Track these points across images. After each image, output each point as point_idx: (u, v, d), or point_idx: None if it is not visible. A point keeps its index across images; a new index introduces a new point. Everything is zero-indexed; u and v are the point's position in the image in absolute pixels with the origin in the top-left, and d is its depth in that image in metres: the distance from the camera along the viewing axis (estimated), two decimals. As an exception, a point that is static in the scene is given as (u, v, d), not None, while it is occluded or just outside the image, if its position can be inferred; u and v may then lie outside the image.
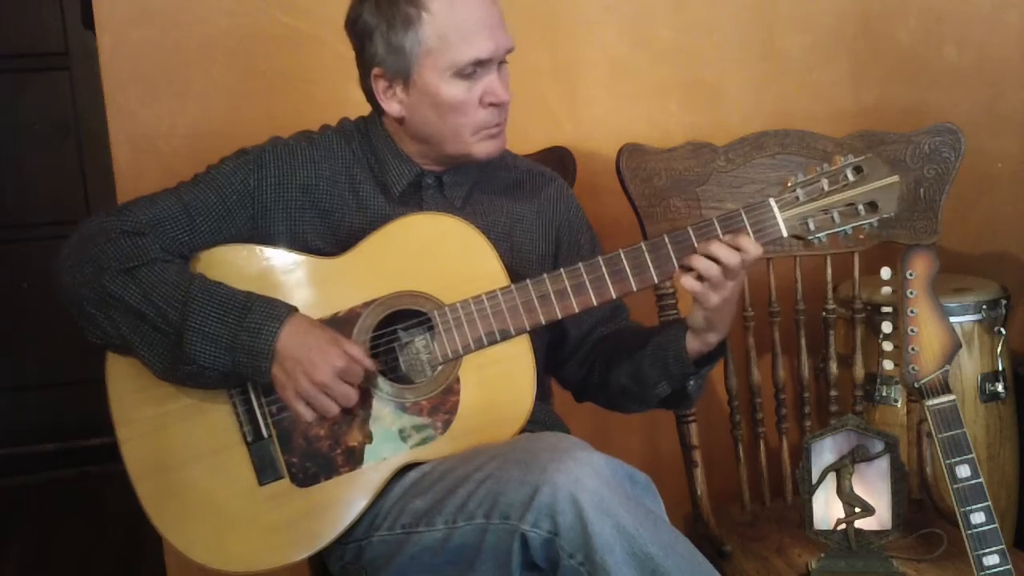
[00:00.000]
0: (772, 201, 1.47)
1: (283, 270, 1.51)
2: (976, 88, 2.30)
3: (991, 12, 2.29)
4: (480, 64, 1.49)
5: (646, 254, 1.48)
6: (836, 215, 1.47)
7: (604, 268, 1.49)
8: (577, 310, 1.49)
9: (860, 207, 1.47)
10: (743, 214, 1.47)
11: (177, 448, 1.49)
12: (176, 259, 1.49)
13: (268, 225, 1.54)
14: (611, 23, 2.17)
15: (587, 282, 1.49)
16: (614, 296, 1.49)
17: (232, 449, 1.48)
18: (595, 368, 1.68)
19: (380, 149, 1.59)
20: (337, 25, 1.57)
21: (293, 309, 1.44)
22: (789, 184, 1.48)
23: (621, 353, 1.63)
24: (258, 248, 1.52)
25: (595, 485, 1.30)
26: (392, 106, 1.54)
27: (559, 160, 1.87)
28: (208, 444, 1.48)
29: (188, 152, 2.01)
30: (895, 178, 1.47)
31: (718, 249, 1.44)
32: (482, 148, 1.55)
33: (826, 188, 1.47)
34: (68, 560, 2.83)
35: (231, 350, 1.41)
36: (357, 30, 1.53)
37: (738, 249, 1.44)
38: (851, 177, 1.46)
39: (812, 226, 1.47)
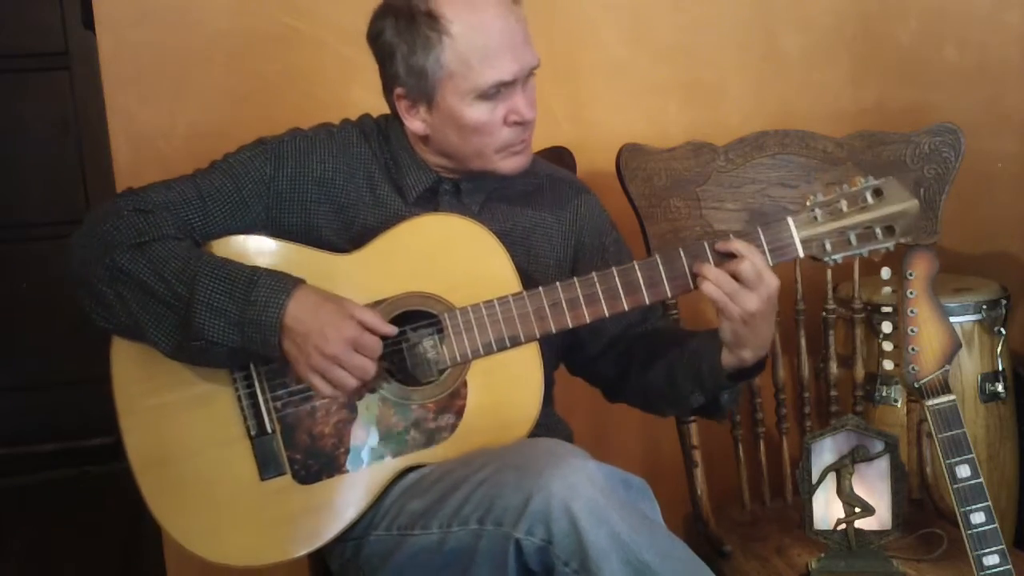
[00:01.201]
0: (790, 220, 1.44)
1: (293, 264, 1.49)
2: (976, 88, 2.30)
3: (991, 12, 2.29)
4: (504, 84, 1.47)
5: (660, 267, 1.46)
6: (853, 237, 1.44)
7: (617, 280, 1.46)
8: (588, 320, 1.47)
9: (878, 230, 1.43)
10: (760, 231, 1.45)
11: (180, 440, 1.48)
12: (187, 239, 1.47)
13: (282, 216, 1.53)
14: (611, 23, 2.17)
15: (599, 293, 1.47)
16: (626, 308, 1.47)
17: (235, 443, 1.48)
18: (631, 369, 1.66)
19: (399, 153, 1.57)
20: (337, 25, 1.57)
21: (300, 281, 1.42)
22: (808, 203, 1.45)
23: (657, 358, 1.61)
24: (269, 240, 1.51)
25: (590, 492, 1.29)
26: (415, 124, 1.52)
27: (559, 160, 1.87)
28: (211, 437, 1.48)
29: (188, 152, 2.00)
30: (914, 202, 1.43)
31: (741, 248, 1.41)
32: (507, 164, 1.53)
33: (845, 209, 1.43)
34: (68, 559, 2.83)
35: (240, 325, 1.40)
36: (378, 47, 1.51)
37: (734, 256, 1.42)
38: (870, 199, 1.43)
39: (828, 247, 1.44)
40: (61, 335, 2.96)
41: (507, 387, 1.49)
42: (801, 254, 1.45)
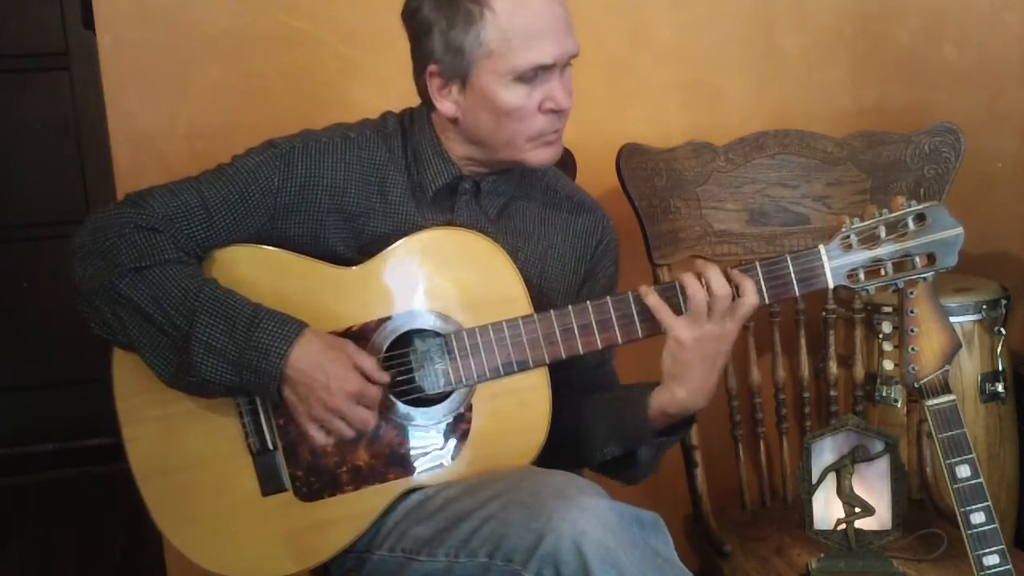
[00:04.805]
0: (822, 248, 1.38)
1: (299, 277, 1.46)
2: (976, 88, 2.30)
3: (991, 12, 2.29)
4: (543, 68, 1.42)
5: (679, 293, 1.41)
6: (889, 266, 1.38)
7: (633, 306, 1.42)
8: (600, 347, 1.44)
9: (917, 259, 1.37)
10: (789, 261, 1.39)
11: (182, 451, 1.47)
12: (190, 259, 1.44)
13: (288, 226, 1.49)
14: (611, 23, 2.17)
15: (614, 319, 1.43)
16: (640, 336, 1.43)
17: (236, 458, 1.46)
18: None
19: (421, 146, 1.52)
20: (337, 25, 1.56)
21: (304, 327, 1.38)
22: (843, 228, 1.38)
23: (572, 396, 1.53)
24: (276, 251, 1.47)
25: (600, 535, 1.26)
26: (446, 106, 1.46)
27: (559, 160, 1.86)
28: (213, 450, 1.46)
29: (188, 152, 2.01)
30: (959, 230, 1.36)
31: (713, 276, 1.37)
32: (537, 156, 1.48)
33: (883, 236, 1.37)
34: (68, 560, 2.83)
35: (238, 368, 1.37)
36: (415, 24, 1.45)
37: (737, 290, 1.37)
38: (912, 226, 1.36)
39: (862, 276, 1.38)
40: (61, 335, 2.96)
41: (513, 415, 1.45)
42: (831, 285, 1.39)
